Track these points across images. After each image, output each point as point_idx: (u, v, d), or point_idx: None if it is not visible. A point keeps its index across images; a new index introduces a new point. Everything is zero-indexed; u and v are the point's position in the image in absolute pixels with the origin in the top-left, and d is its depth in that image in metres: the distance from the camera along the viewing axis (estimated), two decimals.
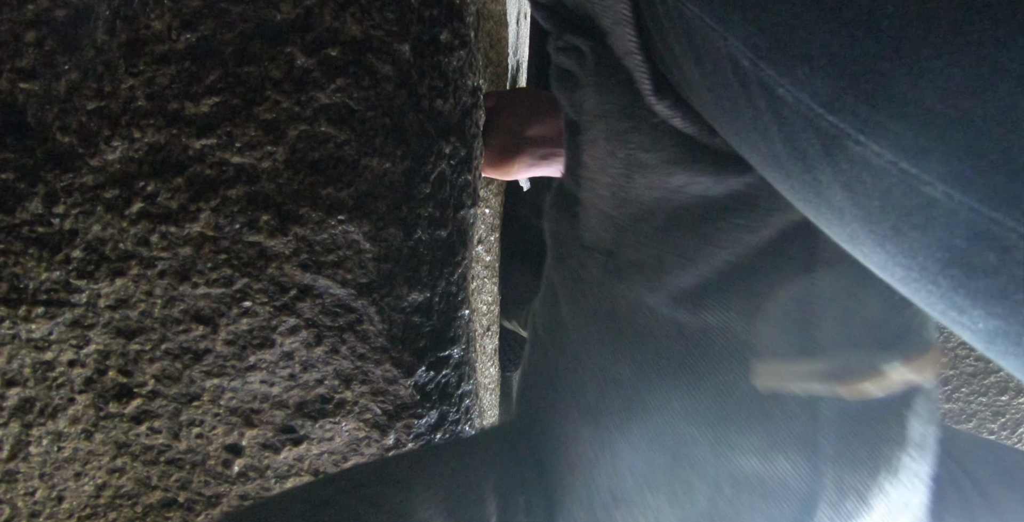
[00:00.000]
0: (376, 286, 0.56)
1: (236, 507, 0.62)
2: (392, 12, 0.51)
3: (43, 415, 0.59)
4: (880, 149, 0.20)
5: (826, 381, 0.38)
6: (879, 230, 0.22)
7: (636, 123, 0.39)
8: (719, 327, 0.39)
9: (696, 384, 0.40)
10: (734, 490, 0.40)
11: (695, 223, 0.39)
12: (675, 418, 0.40)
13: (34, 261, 0.54)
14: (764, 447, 0.39)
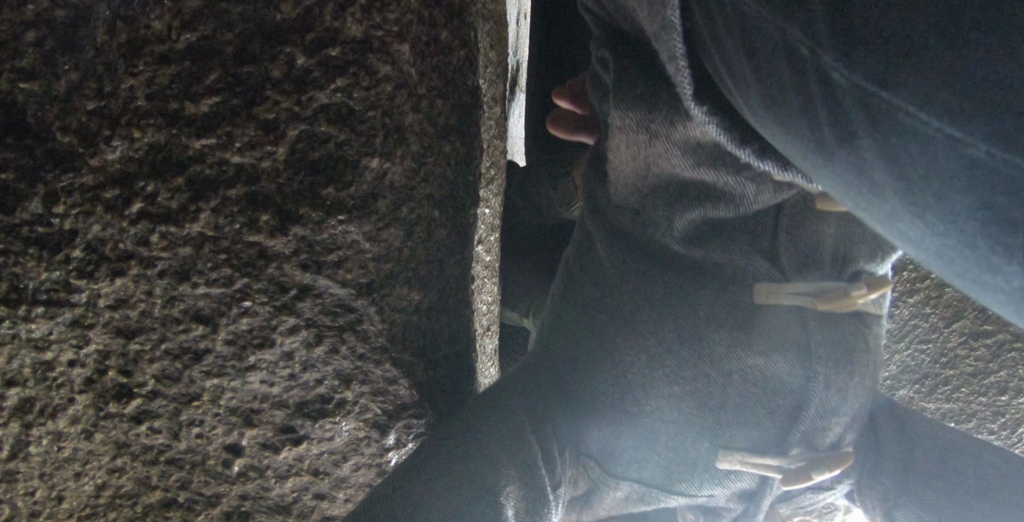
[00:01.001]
0: (376, 286, 0.56)
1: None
2: (392, 12, 0.51)
3: (43, 415, 0.59)
4: (928, 118, 0.23)
5: (808, 298, 0.51)
6: (920, 200, 0.25)
7: (650, 137, 0.49)
8: (724, 262, 0.52)
9: (715, 299, 0.52)
10: (743, 382, 0.51)
11: (697, 199, 0.51)
12: (699, 323, 0.52)
13: (34, 261, 0.54)
14: (767, 349, 0.51)
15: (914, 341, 1.25)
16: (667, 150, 0.49)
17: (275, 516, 0.64)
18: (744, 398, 0.52)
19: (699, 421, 0.53)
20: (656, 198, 0.53)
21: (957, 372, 1.29)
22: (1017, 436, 1.33)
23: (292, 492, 0.63)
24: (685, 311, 0.52)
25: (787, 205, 0.52)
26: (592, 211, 0.59)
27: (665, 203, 0.52)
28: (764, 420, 0.52)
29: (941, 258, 0.26)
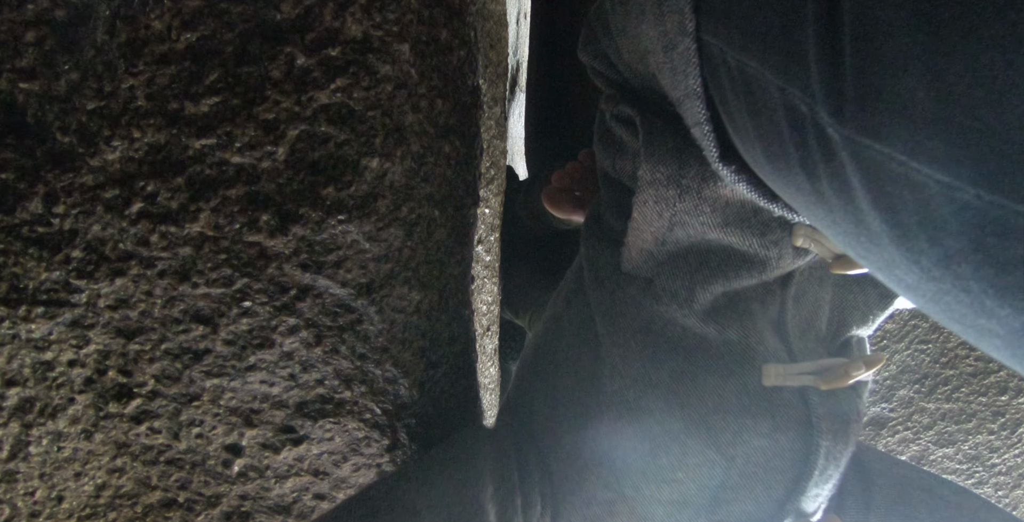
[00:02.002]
0: (376, 286, 0.56)
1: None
2: (392, 12, 0.51)
3: (43, 415, 0.59)
4: (918, 165, 0.24)
5: (811, 378, 0.52)
6: (915, 246, 0.26)
7: (681, 191, 0.49)
8: (737, 341, 0.52)
9: (723, 384, 0.52)
10: (746, 464, 0.52)
11: (720, 267, 0.51)
12: (707, 412, 0.52)
13: (34, 261, 0.54)
14: (772, 430, 0.52)
15: (914, 341, 1.25)
16: (697, 206, 0.49)
17: (275, 516, 0.64)
18: (745, 478, 0.53)
19: (697, 500, 0.53)
20: (675, 267, 0.52)
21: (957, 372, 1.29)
22: (1017, 436, 1.33)
23: (292, 492, 0.63)
24: (693, 400, 0.52)
25: (796, 273, 0.53)
26: (595, 281, 0.57)
27: (685, 272, 0.52)
28: (762, 495, 0.53)
29: (937, 304, 0.27)
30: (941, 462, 1.36)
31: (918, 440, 1.35)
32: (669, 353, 0.53)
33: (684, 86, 0.40)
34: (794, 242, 0.49)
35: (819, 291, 0.55)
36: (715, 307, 0.52)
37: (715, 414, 0.52)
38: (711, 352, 0.53)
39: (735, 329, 0.52)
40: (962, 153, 0.22)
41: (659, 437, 0.53)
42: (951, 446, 1.35)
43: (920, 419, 1.33)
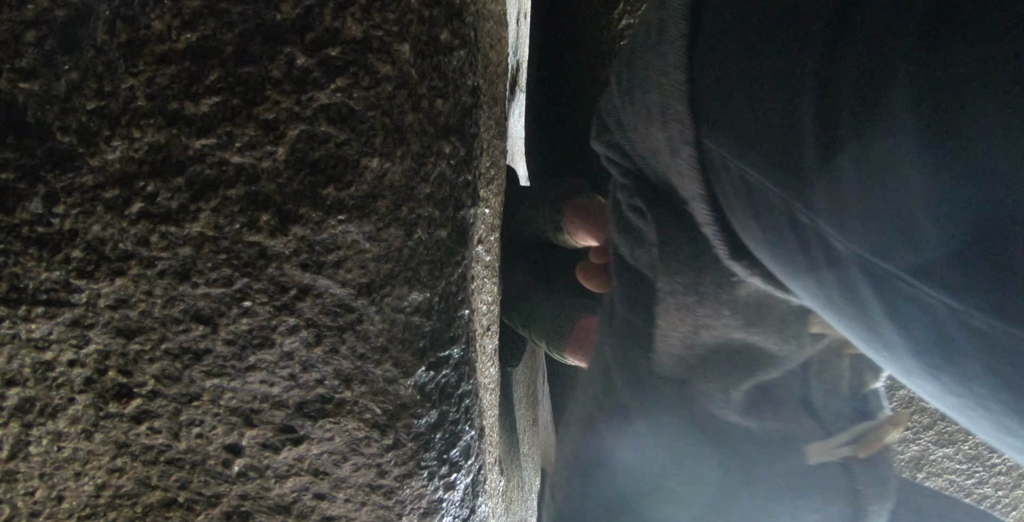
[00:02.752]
0: (376, 286, 0.56)
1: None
2: (392, 12, 0.51)
3: (43, 415, 0.59)
4: (926, 288, 0.23)
5: (851, 449, 0.53)
6: (932, 362, 0.25)
7: (700, 298, 0.50)
8: (777, 428, 0.53)
9: (772, 471, 0.53)
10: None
11: (748, 367, 0.52)
12: (763, 502, 0.53)
13: (34, 261, 0.54)
14: (822, 504, 0.53)
15: None
16: (717, 311, 0.50)
17: (275, 516, 0.64)
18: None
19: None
20: (706, 370, 0.53)
21: None
22: None
23: (292, 492, 0.63)
24: (748, 492, 0.53)
25: (814, 356, 0.54)
26: (628, 385, 0.58)
27: (717, 376, 0.53)
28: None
29: (962, 415, 0.27)
30: (941, 462, 1.36)
31: (918, 440, 1.35)
32: (716, 450, 0.54)
33: (690, 189, 0.41)
34: (810, 330, 0.50)
35: (838, 362, 0.55)
36: (750, 401, 0.53)
37: (770, 503, 0.53)
38: (756, 443, 0.53)
39: (773, 420, 0.53)
40: (969, 281, 0.22)
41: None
42: (951, 446, 1.35)
43: (920, 419, 1.33)
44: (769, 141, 0.31)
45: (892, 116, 0.23)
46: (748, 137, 0.33)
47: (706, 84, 0.37)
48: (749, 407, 0.53)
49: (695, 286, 0.50)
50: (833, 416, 0.55)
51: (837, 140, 0.26)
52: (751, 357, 0.52)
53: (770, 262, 0.36)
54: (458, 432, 0.70)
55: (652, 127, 0.43)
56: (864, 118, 0.24)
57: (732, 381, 0.52)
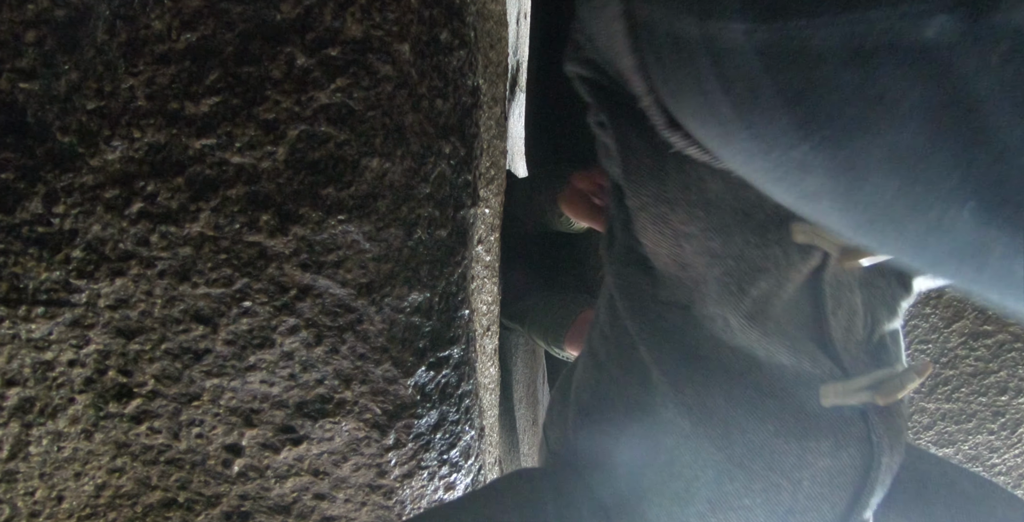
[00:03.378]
0: (376, 286, 0.56)
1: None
2: (392, 12, 0.51)
3: (43, 415, 0.59)
4: (730, 24, 0.27)
5: (869, 393, 0.51)
6: (745, 110, 0.28)
7: (671, 206, 0.50)
8: (789, 365, 0.51)
9: (782, 408, 0.51)
10: (812, 485, 0.52)
11: (740, 284, 0.50)
12: (768, 437, 0.51)
13: (34, 261, 0.54)
14: (834, 449, 0.51)
15: (914, 341, 1.25)
16: (690, 214, 0.49)
17: (275, 516, 0.64)
18: (812, 500, 0.53)
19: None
20: (705, 293, 0.52)
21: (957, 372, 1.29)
22: (1017, 436, 1.33)
23: (292, 492, 0.63)
24: (753, 425, 0.52)
25: (826, 286, 0.52)
26: (632, 311, 0.56)
27: (715, 298, 0.51)
28: (828, 513, 0.53)
29: (776, 174, 0.29)
30: None
31: (918, 440, 1.35)
32: (722, 378, 0.52)
33: (626, 63, 0.42)
34: (794, 239, 0.49)
35: (851, 297, 0.54)
36: (755, 326, 0.51)
37: (777, 438, 0.51)
38: (765, 375, 0.52)
39: (785, 354, 0.52)
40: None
41: (722, 464, 0.52)
42: (951, 446, 1.35)
43: (920, 419, 1.33)
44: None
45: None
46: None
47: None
48: (758, 327, 0.51)
49: (662, 194, 0.50)
50: (851, 359, 0.53)
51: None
52: (739, 266, 0.50)
53: (678, 103, 0.38)
54: (458, 432, 0.70)
55: (601, 17, 0.45)
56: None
57: (731, 293, 0.51)
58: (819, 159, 0.25)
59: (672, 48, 0.34)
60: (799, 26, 0.23)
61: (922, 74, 0.20)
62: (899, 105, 0.21)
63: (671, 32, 0.34)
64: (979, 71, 0.18)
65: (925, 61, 0.19)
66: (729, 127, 0.31)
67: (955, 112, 0.19)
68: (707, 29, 0.29)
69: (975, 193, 0.20)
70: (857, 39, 0.21)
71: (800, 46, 0.24)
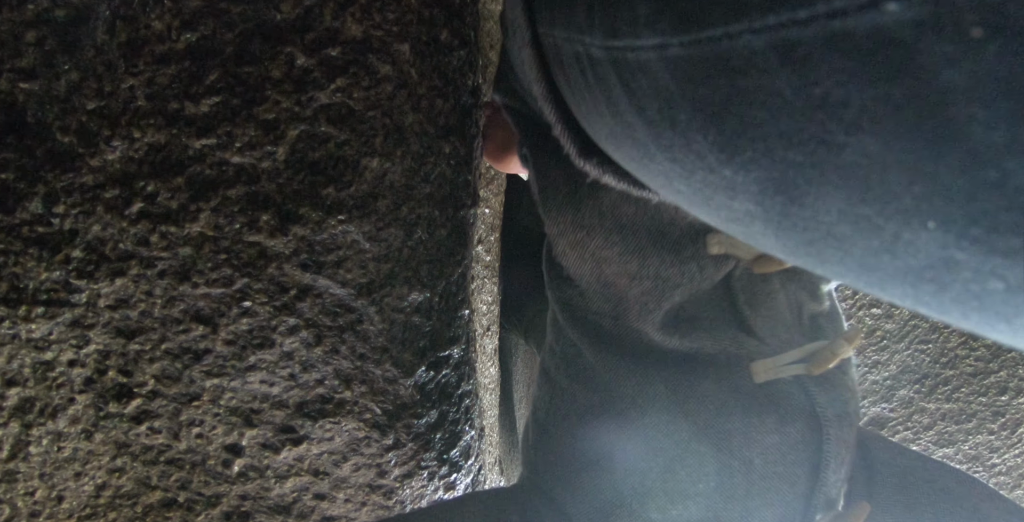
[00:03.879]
0: (376, 286, 0.56)
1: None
2: (392, 12, 0.51)
3: (43, 415, 0.59)
4: (640, 41, 0.25)
5: (802, 365, 0.53)
6: (659, 129, 0.27)
7: (587, 232, 0.52)
8: (717, 350, 0.54)
9: (718, 388, 0.53)
10: (764, 464, 0.52)
11: (657, 294, 0.53)
12: (711, 417, 0.53)
13: (34, 261, 0.54)
14: (780, 424, 0.52)
15: (914, 341, 1.25)
16: (606, 239, 0.52)
17: (275, 516, 0.64)
18: (767, 479, 0.52)
19: (728, 514, 0.53)
20: (628, 306, 0.55)
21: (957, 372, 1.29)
22: (1017, 436, 1.33)
23: (292, 492, 0.63)
24: (695, 406, 0.53)
25: (735, 282, 0.55)
26: (570, 320, 0.59)
27: (636, 312, 0.54)
28: (788, 493, 0.53)
29: (693, 190, 0.27)
30: None
31: (918, 440, 1.35)
32: (659, 368, 0.54)
33: (537, 90, 0.42)
34: (709, 251, 0.51)
35: (766, 287, 0.55)
36: (678, 329, 0.54)
37: (719, 417, 0.52)
38: (698, 363, 0.54)
39: (709, 344, 0.54)
40: (662, 7, 0.23)
41: (671, 450, 0.53)
42: (951, 446, 1.35)
43: (920, 419, 1.33)
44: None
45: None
46: (553, 1, 0.35)
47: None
48: (676, 333, 0.54)
49: (578, 221, 0.52)
50: (778, 340, 0.54)
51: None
52: (656, 285, 0.53)
53: (592, 128, 0.36)
54: (458, 432, 0.70)
55: (515, 46, 0.45)
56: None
57: (649, 311, 0.54)
58: (747, 181, 0.23)
59: (579, 71, 0.33)
60: (716, 36, 0.20)
61: (874, 71, 0.16)
62: (845, 111, 0.18)
63: (577, 54, 0.32)
64: (948, 60, 0.15)
65: (878, 56, 0.16)
66: (646, 150, 0.29)
67: (918, 112, 0.16)
68: (614, 48, 0.27)
69: (940, 210, 0.17)
70: (786, 42, 0.18)
71: (719, 57, 0.21)
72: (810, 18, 0.17)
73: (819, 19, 0.17)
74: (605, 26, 0.27)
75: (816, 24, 0.17)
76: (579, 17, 0.30)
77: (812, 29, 0.17)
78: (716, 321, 0.54)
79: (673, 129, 0.25)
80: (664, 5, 0.23)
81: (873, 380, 1.28)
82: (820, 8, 0.17)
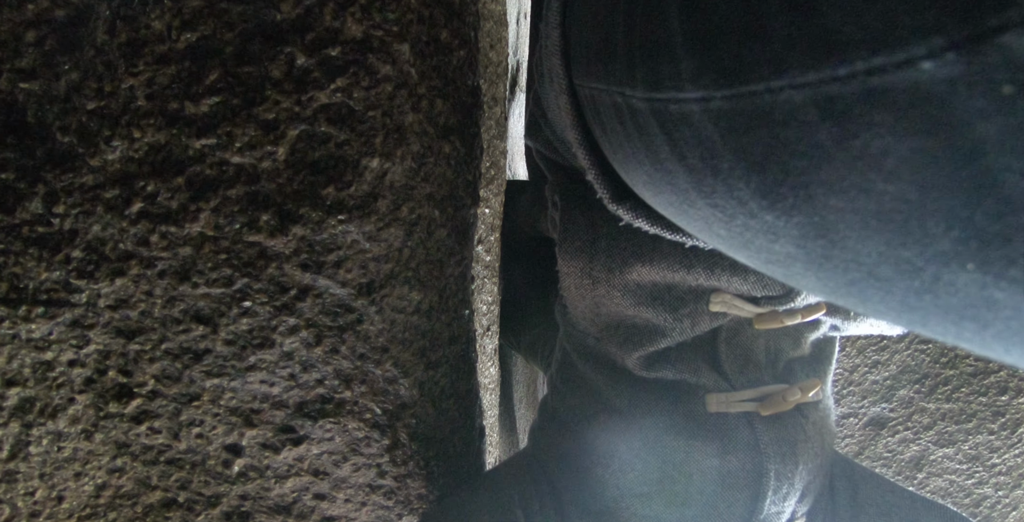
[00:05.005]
0: (376, 286, 0.57)
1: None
2: (392, 12, 0.51)
3: (43, 415, 0.59)
4: (682, 94, 0.26)
5: (753, 404, 0.58)
6: (702, 179, 0.27)
7: (593, 282, 0.58)
8: (679, 380, 0.59)
9: (673, 410, 0.59)
10: (703, 481, 0.58)
11: (642, 340, 0.58)
12: (660, 433, 0.59)
13: (34, 261, 0.54)
14: (721, 452, 0.58)
15: (914, 341, 1.25)
16: (608, 293, 0.57)
17: (275, 516, 0.64)
18: (704, 495, 0.58)
19: (667, 517, 0.59)
20: (609, 336, 0.61)
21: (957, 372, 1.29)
22: (1017, 436, 1.33)
23: (292, 492, 0.63)
24: (648, 422, 0.59)
25: (722, 332, 0.59)
26: (566, 333, 0.68)
27: (616, 343, 0.60)
28: (725, 514, 0.59)
29: (735, 236, 0.28)
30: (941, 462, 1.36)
31: (918, 440, 1.35)
32: (627, 385, 0.61)
33: (571, 136, 0.44)
34: (711, 308, 0.55)
35: (751, 330, 0.59)
36: (649, 364, 0.60)
37: (666, 434, 0.58)
38: (659, 387, 0.60)
39: (672, 373, 0.59)
40: (705, 62, 0.23)
41: (624, 454, 0.60)
42: (951, 446, 1.35)
43: (920, 419, 1.33)
44: (598, 48, 0.35)
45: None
46: (590, 55, 0.36)
47: (574, 34, 0.41)
48: (645, 366, 0.60)
49: (589, 271, 0.57)
50: (745, 378, 0.59)
51: (635, 15, 0.29)
52: (643, 331, 0.58)
53: (630, 175, 0.37)
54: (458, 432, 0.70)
55: (550, 94, 0.47)
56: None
57: (627, 349, 0.59)
58: (788, 225, 0.24)
59: (618, 120, 0.33)
60: (758, 91, 0.21)
61: (912, 124, 0.17)
62: (884, 160, 0.18)
63: (616, 104, 0.33)
64: (982, 114, 0.15)
65: (915, 110, 0.17)
66: (686, 196, 0.30)
67: (954, 162, 0.17)
68: (656, 100, 0.28)
69: (978, 253, 0.17)
70: (827, 97, 0.19)
71: (761, 110, 0.22)
72: (850, 75, 0.18)
73: (859, 76, 0.18)
74: (647, 79, 0.28)
75: (856, 81, 0.18)
76: (619, 70, 0.31)
77: (852, 85, 0.18)
78: (688, 354, 0.59)
79: (715, 176, 0.26)
80: (708, 61, 0.23)
81: (873, 380, 1.28)
82: (859, 66, 0.18)
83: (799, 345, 0.61)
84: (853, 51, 0.18)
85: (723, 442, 0.58)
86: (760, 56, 0.21)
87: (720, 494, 0.58)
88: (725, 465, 0.57)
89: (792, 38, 0.20)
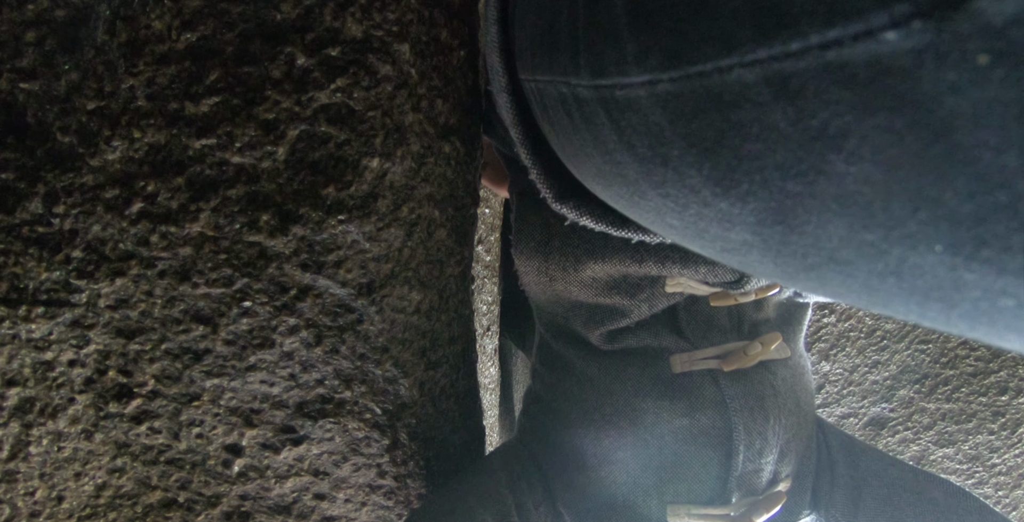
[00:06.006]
0: (376, 286, 0.56)
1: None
2: (392, 12, 0.51)
3: (43, 415, 0.59)
4: (628, 79, 0.25)
5: (715, 361, 0.59)
6: (651, 168, 0.27)
7: (550, 279, 0.60)
8: (642, 347, 0.61)
9: (640, 375, 0.60)
10: (675, 442, 0.59)
11: (603, 320, 0.61)
12: (630, 397, 0.60)
13: (34, 261, 0.54)
14: (689, 410, 0.59)
15: (914, 341, 1.25)
16: (566, 288, 0.59)
17: (275, 516, 0.64)
18: (678, 456, 0.59)
19: (645, 481, 0.60)
20: (571, 315, 0.63)
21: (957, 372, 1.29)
22: (1017, 436, 1.33)
23: (292, 492, 0.63)
24: (618, 388, 0.61)
25: (680, 306, 0.60)
26: (538, 314, 0.70)
27: (580, 322, 0.63)
28: (701, 473, 0.59)
29: (688, 224, 0.28)
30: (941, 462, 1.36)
31: (918, 440, 1.35)
32: (597, 356, 0.63)
33: (515, 134, 0.44)
34: (667, 289, 0.56)
35: (707, 298, 0.60)
36: (611, 338, 0.62)
37: (636, 398, 0.59)
38: (626, 354, 0.62)
39: (635, 342, 0.61)
40: (650, 43, 0.22)
41: (599, 422, 0.61)
42: (951, 446, 1.35)
43: (920, 419, 1.33)
44: (541, 38, 0.34)
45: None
46: (535, 47, 0.35)
47: (518, 27, 0.40)
48: (609, 341, 0.62)
49: (545, 269, 0.60)
50: (707, 340, 0.61)
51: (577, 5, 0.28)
52: (604, 313, 0.60)
53: (579, 169, 0.36)
54: None
55: (493, 91, 0.47)
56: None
57: (590, 327, 0.62)
58: (744, 212, 0.23)
59: (565, 112, 0.33)
60: (706, 71, 0.20)
61: (874, 101, 0.16)
62: (845, 141, 0.17)
63: (562, 95, 0.32)
64: (953, 87, 0.14)
65: (876, 85, 0.16)
66: (636, 187, 0.29)
67: (921, 140, 0.16)
68: (601, 87, 0.27)
69: (947, 234, 0.17)
70: (780, 75, 0.18)
71: (711, 92, 0.20)
72: (803, 50, 0.17)
73: (812, 51, 0.17)
74: (592, 65, 0.27)
75: (810, 56, 0.17)
76: (563, 59, 0.30)
77: (806, 61, 0.17)
78: (648, 323, 0.61)
79: (665, 165, 0.25)
80: (652, 41, 0.22)
81: (873, 380, 1.28)
82: (813, 39, 0.16)
83: (761, 308, 0.62)
84: (806, 23, 0.16)
85: (690, 400, 0.58)
86: (707, 33, 0.20)
87: (694, 453, 0.59)
88: (695, 424, 0.58)
89: (740, 12, 0.18)
